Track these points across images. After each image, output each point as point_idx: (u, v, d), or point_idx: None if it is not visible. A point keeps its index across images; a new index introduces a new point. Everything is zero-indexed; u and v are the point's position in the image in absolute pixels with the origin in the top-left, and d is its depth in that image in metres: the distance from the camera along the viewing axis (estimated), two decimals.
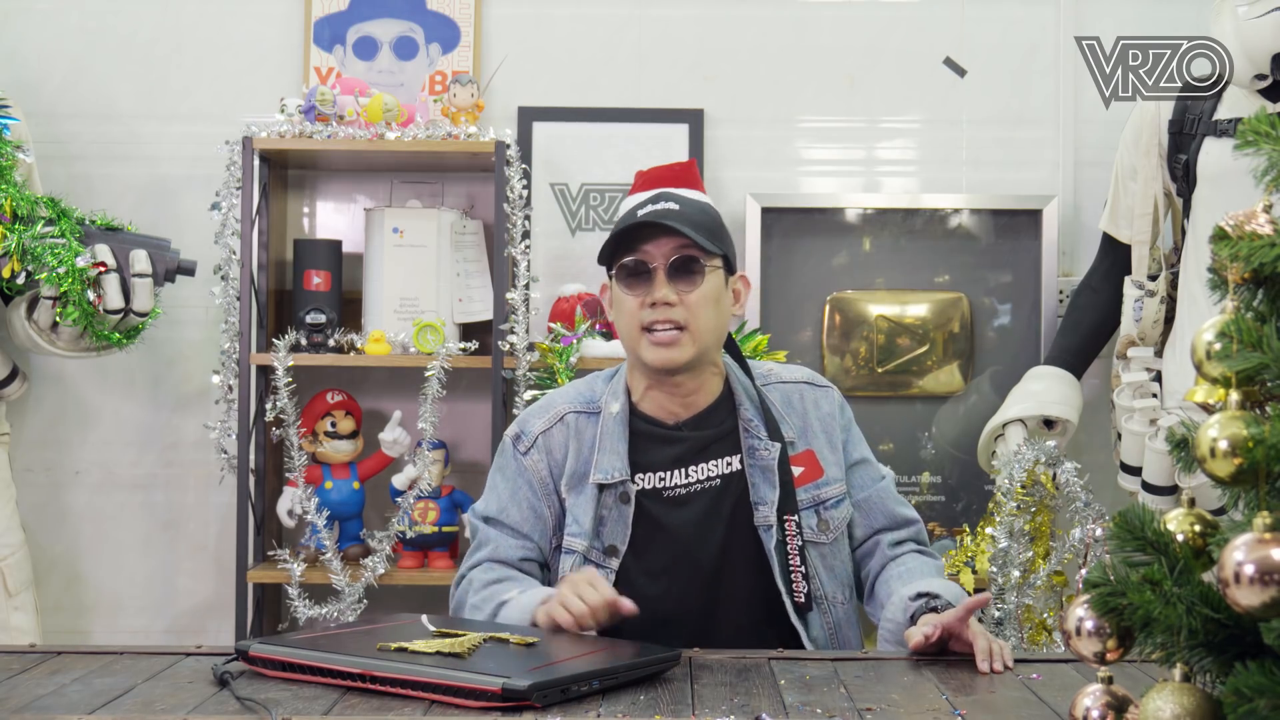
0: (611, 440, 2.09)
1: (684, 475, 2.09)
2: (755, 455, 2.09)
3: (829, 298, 3.47)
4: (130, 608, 3.55)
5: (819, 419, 2.16)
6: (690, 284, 2.04)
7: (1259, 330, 1.15)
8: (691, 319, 2.04)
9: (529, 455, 2.12)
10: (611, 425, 2.10)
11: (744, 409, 2.12)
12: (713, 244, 2.05)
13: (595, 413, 2.13)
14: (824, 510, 2.11)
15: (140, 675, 1.69)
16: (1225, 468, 1.12)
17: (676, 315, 2.03)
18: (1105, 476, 3.23)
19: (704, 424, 2.11)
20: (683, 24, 3.56)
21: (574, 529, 2.07)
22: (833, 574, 2.11)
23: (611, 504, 2.07)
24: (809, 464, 2.12)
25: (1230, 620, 1.12)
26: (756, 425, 2.10)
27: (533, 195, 3.42)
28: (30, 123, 3.30)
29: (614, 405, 2.11)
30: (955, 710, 1.57)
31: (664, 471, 2.09)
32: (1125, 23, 3.37)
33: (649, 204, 2.10)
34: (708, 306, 2.06)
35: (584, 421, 2.12)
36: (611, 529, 2.07)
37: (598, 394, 2.16)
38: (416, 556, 3.31)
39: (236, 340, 3.23)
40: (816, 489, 2.12)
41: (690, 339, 2.04)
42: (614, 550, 2.06)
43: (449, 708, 1.53)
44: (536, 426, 2.15)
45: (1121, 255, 3.17)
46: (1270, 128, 1.18)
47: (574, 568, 2.05)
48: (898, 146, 3.60)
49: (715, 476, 2.09)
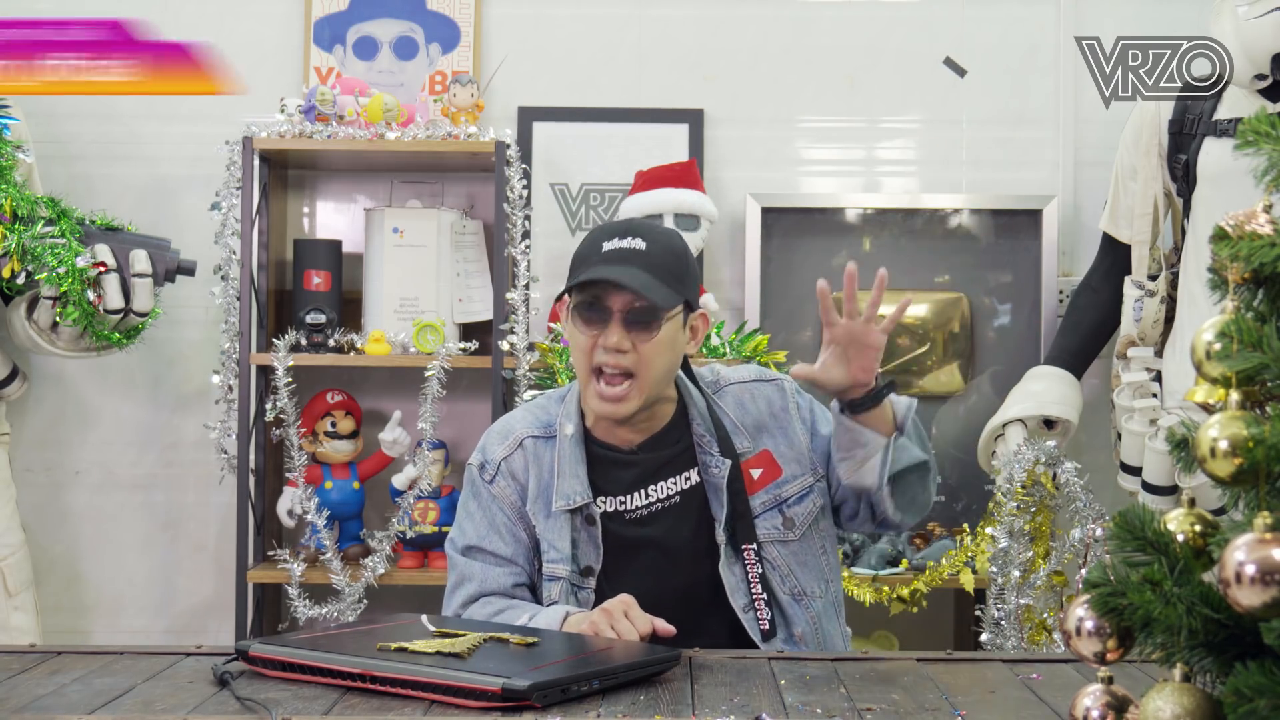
0: (569, 464, 2.08)
1: (644, 496, 2.09)
2: (708, 471, 2.09)
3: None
4: (130, 608, 3.55)
5: (771, 415, 2.15)
6: (645, 334, 2.02)
7: (1259, 330, 1.15)
8: (643, 368, 2.02)
9: (495, 483, 2.11)
10: (568, 448, 2.09)
11: (696, 424, 2.11)
12: (674, 293, 2.02)
13: (551, 437, 2.12)
14: (787, 508, 2.11)
15: (140, 675, 1.69)
16: (1225, 468, 1.12)
17: (627, 362, 2.01)
18: (1105, 476, 3.23)
19: (659, 445, 2.11)
20: (683, 24, 3.56)
21: (553, 555, 2.07)
22: (806, 568, 2.11)
23: (580, 526, 2.08)
24: (767, 464, 2.12)
25: (1230, 620, 1.12)
26: (709, 441, 2.10)
27: (533, 195, 3.42)
28: (30, 123, 3.30)
29: (568, 427, 2.10)
30: (955, 710, 1.57)
31: (623, 495, 2.09)
32: (1125, 23, 3.37)
33: (616, 238, 2.03)
34: (661, 354, 2.03)
35: (541, 446, 2.11)
36: (584, 550, 2.07)
37: (552, 416, 2.14)
38: (416, 556, 3.31)
39: (236, 340, 3.23)
40: (777, 488, 2.11)
41: (638, 389, 2.03)
42: (590, 570, 2.07)
43: (449, 708, 1.53)
44: (498, 454, 2.13)
45: (1121, 255, 3.17)
46: (1270, 128, 1.18)
47: (561, 594, 2.05)
48: (898, 146, 3.60)
49: (675, 494, 2.10)
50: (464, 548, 2.11)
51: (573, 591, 2.06)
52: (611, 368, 2.02)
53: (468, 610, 2.07)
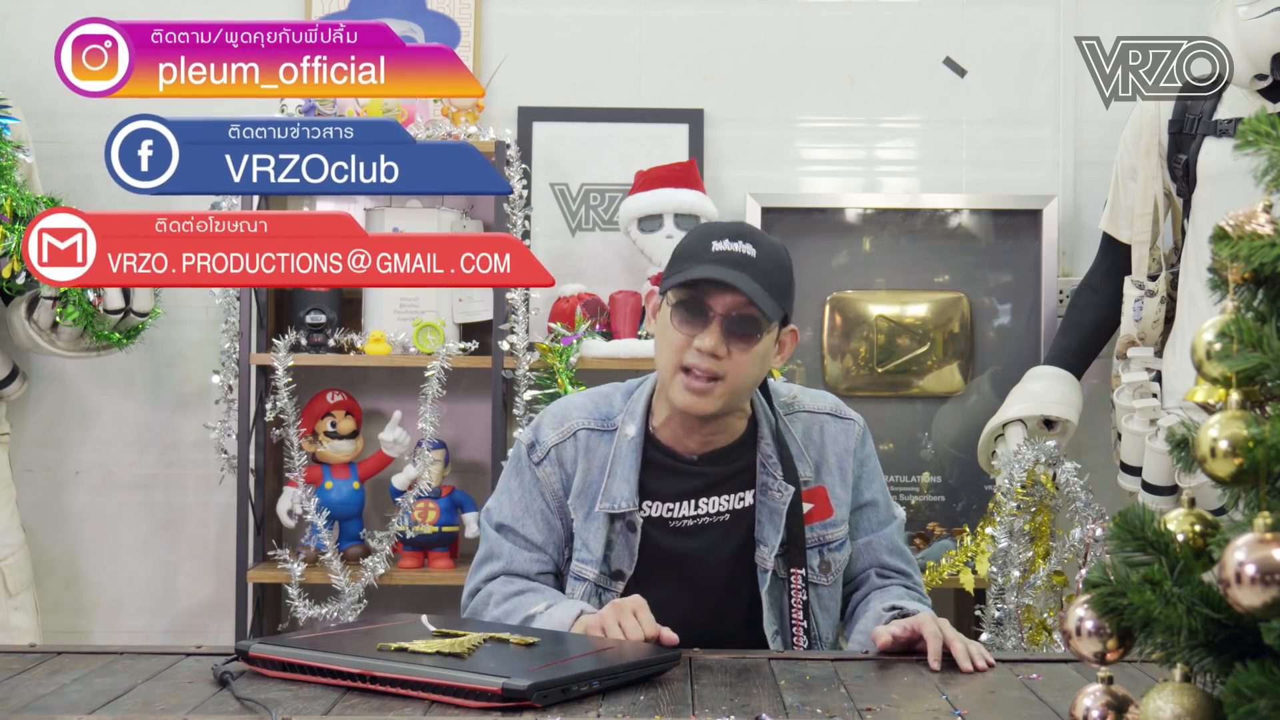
0: (624, 467, 2.02)
1: (693, 507, 2.04)
2: (767, 494, 2.03)
3: (829, 298, 3.47)
4: (130, 608, 3.55)
5: (835, 454, 2.10)
6: (744, 344, 1.95)
7: (1259, 330, 1.15)
8: (733, 375, 1.96)
9: (542, 467, 2.06)
10: (625, 450, 2.03)
11: (764, 443, 2.05)
12: (778, 306, 1.97)
13: (610, 431, 2.06)
14: (827, 551, 2.07)
15: (140, 675, 1.69)
16: (1225, 468, 1.12)
17: (719, 369, 1.95)
18: (1105, 476, 3.23)
19: (721, 460, 2.05)
20: (683, 24, 3.56)
21: (584, 555, 2.03)
22: (827, 614, 2.07)
23: (620, 530, 2.03)
24: (819, 501, 2.06)
25: (1230, 620, 1.12)
26: (774, 463, 2.04)
27: (533, 195, 3.42)
28: (30, 123, 3.30)
29: (630, 428, 2.04)
30: (955, 710, 1.57)
31: (673, 502, 2.04)
32: (1125, 23, 3.37)
33: (727, 239, 1.97)
34: (753, 365, 1.98)
35: (596, 440, 2.06)
36: (618, 553, 2.03)
37: (615, 410, 2.08)
38: (416, 556, 3.31)
39: (236, 340, 3.23)
40: (824, 529, 2.06)
41: (724, 391, 1.97)
42: (620, 574, 2.03)
43: (449, 708, 1.53)
44: (550, 438, 2.07)
45: (1121, 255, 3.17)
46: (1270, 128, 1.18)
47: (585, 595, 2.01)
48: (898, 146, 3.60)
49: (725, 511, 2.04)
50: (498, 524, 2.07)
51: (598, 594, 2.03)
52: (701, 372, 1.95)
53: (489, 585, 2.04)
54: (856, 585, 2.13)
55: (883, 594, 2.07)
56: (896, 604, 1.98)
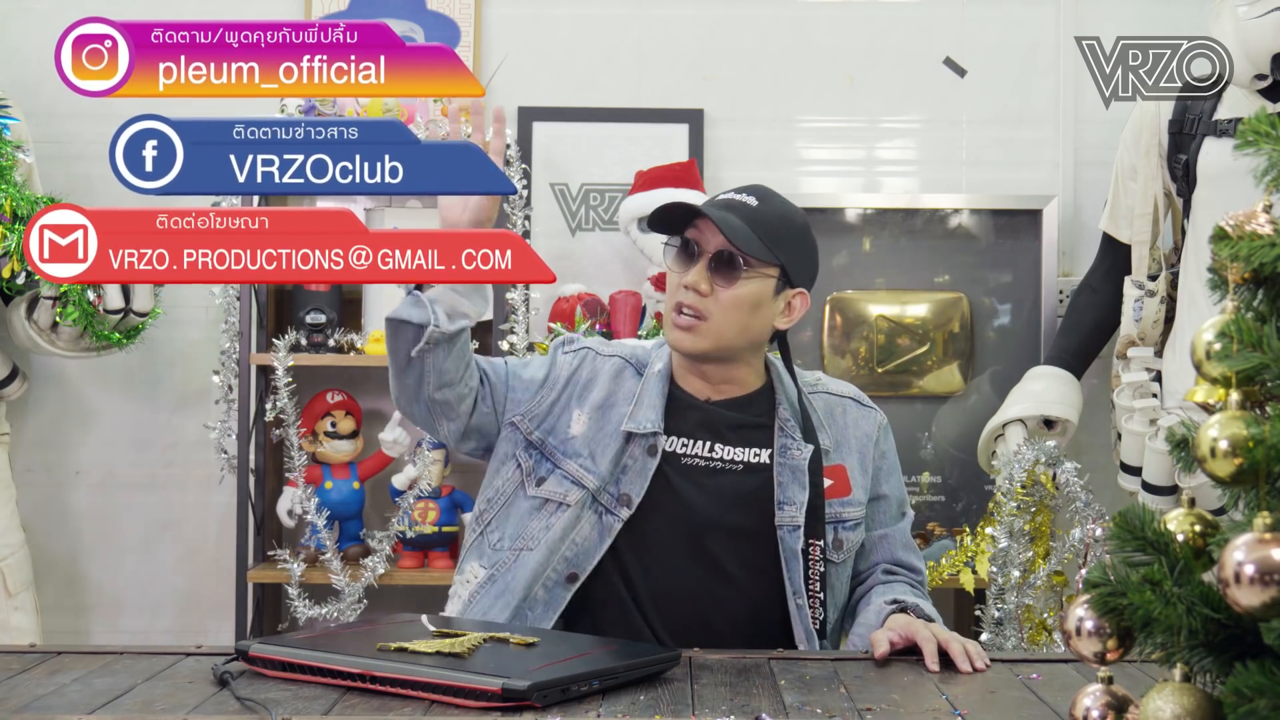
0: (651, 395, 2.06)
1: (706, 448, 2.05)
2: (787, 454, 2.04)
3: (829, 298, 3.47)
4: (130, 608, 3.55)
5: (856, 439, 2.11)
6: (726, 282, 2.00)
7: (1259, 330, 1.15)
8: (717, 315, 2.00)
9: (567, 355, 2.12)
10: (653, 381, 2.08)
11: (782, 407, 2.08)
12: (766, 250, 2.01)
13: (641, 373, 2.11)
14: (841, 529, 2.07)
15: (140, 675, 1.69)
16: (1225, 468, 1.12)
17: (703, 306, 2.00)
18: (1105, 476, 3.23)
19: (734, 408, 2.08)
20: (683, 24, 3.56)
21: (588, 464, 2.03)
22: (833, 594, 2.07)
23: (638, 455, 2.03)
24: (839, 478, 2.07)
25: (1230, 620, 1.12)
26: (792, 425, 2.06)
27: (533, 195, 3.43)
28: (30, 123, 3.30)
29: (657, 365, 2.10)
30: (955, 710, 1.57)
31: (688, 439, 2.05)
32: (1125, 23, 3.37)
33: (734, 192, 2.06)
34: (739, 310, 2.01)
35: (629, 374, 2.10)
36: (631, 479, 2.02)
37: (648, 356, 2.14)
38: (416, 556, 3.31)
39: (236, 340, 3.23)
40: (841, 506, 2.07)
41: (708, 331, 2.01)
42: (627, 499, 2.01)
43: (449, 708, 1.53)
44: (593, 344, 2.15)
45: (1121, 255, 3.17)
46: (1270, 128, 1.18)
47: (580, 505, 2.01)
48: (898, 146, 3.60)
49: (739, 462, 2.05)
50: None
51: (594, 509, 2.01)
52: (688, 308, 2.01)
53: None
54: (863, 579, 2.13)
55: (886, 589, 2.07)
56: (899, 598, 1.98)
